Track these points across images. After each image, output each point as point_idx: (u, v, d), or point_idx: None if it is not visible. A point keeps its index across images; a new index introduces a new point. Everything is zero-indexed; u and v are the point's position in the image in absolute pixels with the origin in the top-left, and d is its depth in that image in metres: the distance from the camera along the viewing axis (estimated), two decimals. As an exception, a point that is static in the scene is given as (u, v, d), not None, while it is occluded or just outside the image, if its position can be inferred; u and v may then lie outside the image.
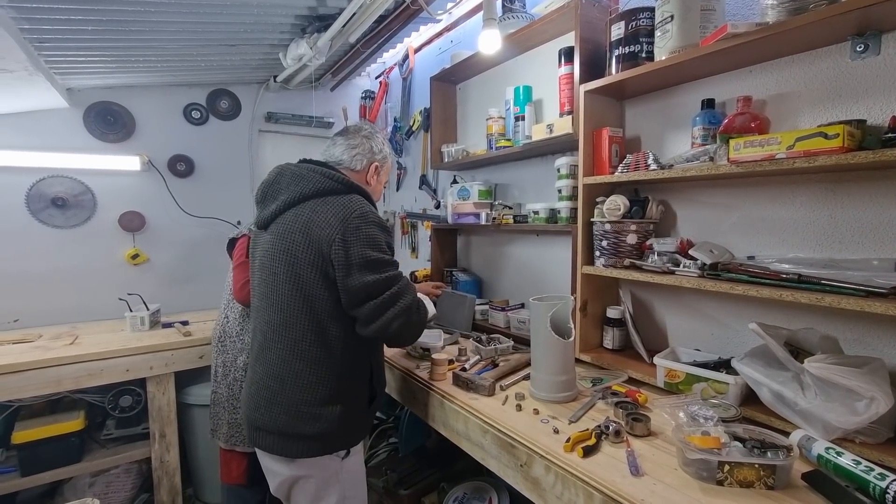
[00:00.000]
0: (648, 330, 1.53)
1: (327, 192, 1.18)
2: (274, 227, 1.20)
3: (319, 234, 1.12)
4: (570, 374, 1.29)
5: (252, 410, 1.21)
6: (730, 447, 0.88)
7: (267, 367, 1.19)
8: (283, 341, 1.16)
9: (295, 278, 1.14)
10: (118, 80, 2.38)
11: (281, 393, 1.16)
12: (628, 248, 1.42)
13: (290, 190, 1.19)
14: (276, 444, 1.17)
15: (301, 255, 1.14)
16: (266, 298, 1.20)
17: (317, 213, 1.14)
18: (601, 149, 1.48)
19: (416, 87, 2.79)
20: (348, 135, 1.36)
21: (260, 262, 1.24)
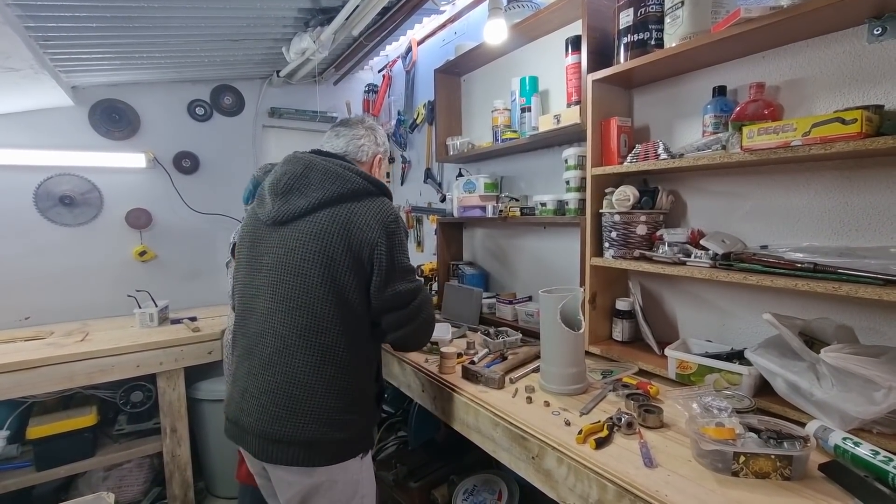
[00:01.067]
0: (658, 321, 1.51)
1: (364, 194, 1.15)
2: (301, 225, 1.11)
3: (360, 237, 1.10)
4: (581, 367, 1.28)
5: (267, 423, 1.09)
6: (745, 438, 0.87)
7: (289, 375, 1.09)
8: (313, 346, 1.09)
9: (331, 281, 1.09)
10: (123, 78, 2.38)
11: (308, 401, 1.08)
12: (638, 239, 1.40)
13: (326, 188, 1.12)
14: (300, 455, 1.09)
15: (339, 258, 1.09)
16: (289, 301, 1.10)
17: (356, 216, 1.11)
18: (610, 139, 1.46)
19: (420, 80, 2.77)
20: (352, 126, 1.31)
21: (276, 260, 1.12)
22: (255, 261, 1.17)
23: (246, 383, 1.14)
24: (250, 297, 1.17)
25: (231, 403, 1.18)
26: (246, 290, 1.18)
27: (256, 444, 1.11)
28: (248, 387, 1.13)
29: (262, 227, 1.18)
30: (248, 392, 1.13)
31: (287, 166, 1.17)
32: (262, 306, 1.14)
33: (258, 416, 1.10)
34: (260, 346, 1.13)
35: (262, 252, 1.16)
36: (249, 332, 1.16)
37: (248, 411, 1.12)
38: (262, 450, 1.11)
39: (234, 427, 1.17)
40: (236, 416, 1.15)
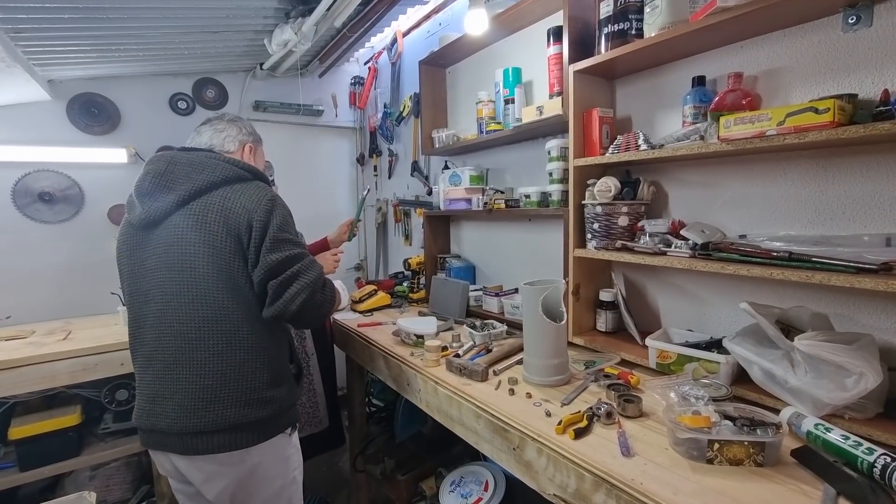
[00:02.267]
0: (641, 312, 1.52)
1: (235, 180, 1.16)
2: (176, 220, 1.10)
3: (237, 221, 1.10)
4: (563, 358, 1.28)
5: (187, 419, 1.08)
6: (720, 426, 0.88)
7: (197, 368, 1.09)
8: (216, 336, 1.10)
9: (219, 269, 1.09)
10: (100, 71, 2.33)
11: (223, 388, 1.10)
12: (620, 230, 1.41)
13: (194, 178, 1.11)
14: (227, 440, 1.10)
15: (222, 244, 1.09)
16: (181, 297, 1.09)
17: (230, 201, 1.11)
18: (591, 130, 1.46)
19: (406, 72, 2.74)
20: (212, 122, 1.29)
21: (158, 261, 1.11)
22: (138, 267, 1.14)
23: (154, 389, 1.12)
24: (140, 305, 1.14)
25: (142, 414, 1.14)
26: (134, 300, 1.16)
27: (179, 442, 1.10)
28: (157, 392, 1.12)
29: (137, 232, 1.15)
30: (158, 396, 1.11)
31: (150, 166, 1.14)
32: (155, 310, 1.12)
33: (176, 416, 1.09)
34: (160, 349, 1.11)
35: (142, 258, 1.14)
36: (146, 339, 1.14)
37: (164, 414, 1.10)
38: (187, 446, 1.10)
39: (149, 435, 1.15)
40: (151, 424, 1.12)
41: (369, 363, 1.82)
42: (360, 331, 1.89)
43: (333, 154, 3.29)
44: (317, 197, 3.17)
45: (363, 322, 2.00)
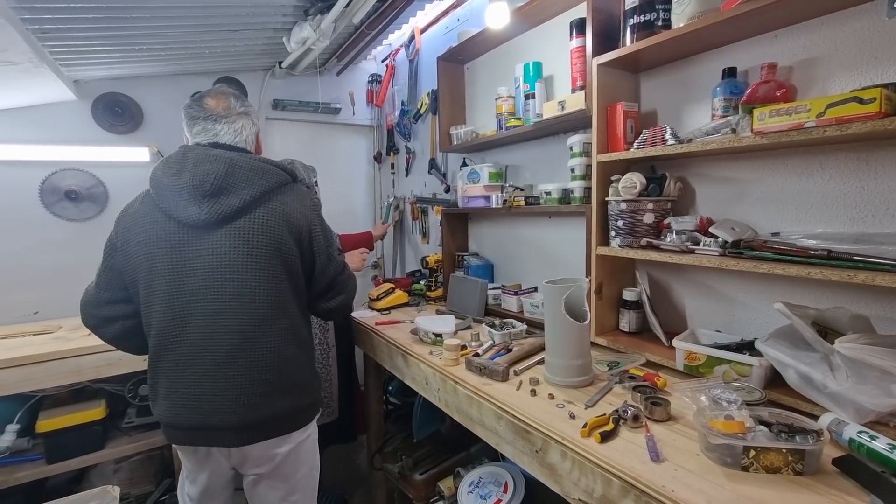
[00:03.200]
0: (666, 312, 1.48)
1: (285, 184, 1.22)
2: (241, 224, 1.12)
3: (298, 225, 1.18)
4: (586, 358, 1.25)
5: (245, 414, 1.13)
6: (755, 432, 0.84)
7: (255, 364, 1.13)
8: (274, 333, 1.15)
9: (284, 270, 1.17)
10: (124, 71, 2.36)
11: (279, 381, 1.16)
12: (645, 227, 1.36)
13: (256, 184, 1.14)
14: (277, 427, 1.19)
15: (287, 247, 1.16)
16: (242, 297, 1.12)
17: (289, 206, 1.18)
18: (615, 124, 1.42)
19: (424, 69, 2.72)
20: (228, 118, 1.20)
21: (217, 261, 1.11)
22: (184, 266, 1.12)
23: (203, 388, 1.12)
24: (184, 303, 1.12)
25: (184, 411, 1.14)
26: (176, 300, 1.12)
27: (234, 436, 1.14)
28: (206, 389, 1.12)
29: (184, 230, 1.12)
30: (208, 392, 1.12)
31: (208, 166, 1.11)
32: (205, 309, 1.12)
33: (232, 411, 1.12)
34: (209, 348, 1.12)
35: (191, 256, 1.12)
36: (189, 337, 1.12)
37: (216, 410, 1.12)
38: (242, 438, 1.15)
39: (195, 433, 1.16)
40: (199, 422, 1.13)
41: (387, 361, 1.81)
42: (378, 329, 1.88)
43: (351, 152, 3.30)
44: (334, 195, 3.16)
45: (381, 320, 1.99)
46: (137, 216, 1.17)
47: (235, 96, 1.25)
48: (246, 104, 1.26)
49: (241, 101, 1.25)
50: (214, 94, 1.23)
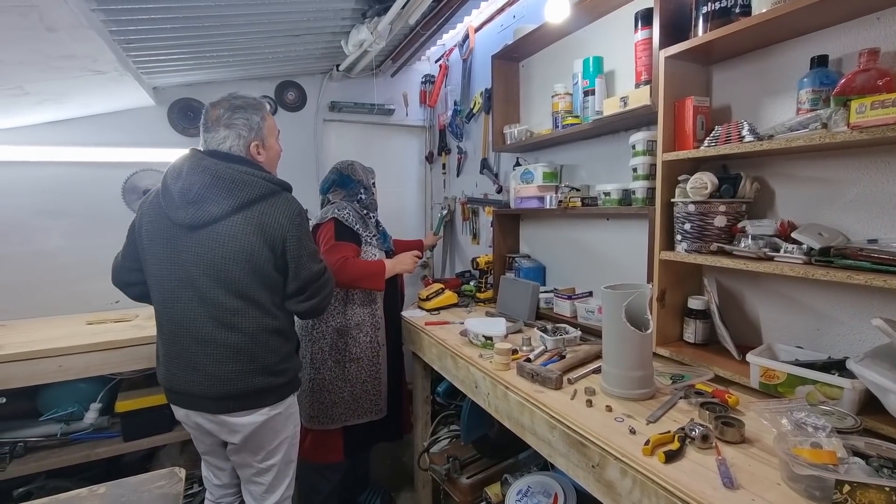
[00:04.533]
0: (737, 323, 1.36)
1: (269, 195, 1.32)
2: (218, 229, 1.26)
3: (273, 234, 1.30)
4: (648, 370, 1.18)
5: (221, 387, 1.30)
6: (849, 464, 0.75)
7: (230, 348, 1.30)
8: (246, 321, 1.30)
9: (253, 270, 1.29)
10: (196, 77, 2.52)
11: (252, 363, 1.32)
12: (716, 231, 1.26)
13: (236, 195, 1.27)
14: (251, 402, 1.34)
15: (258, 252, 1.29)
16: (216, 290, 1.28)
17: (266, 216, 1.30)
18: (684, 121, 1.33)
19: (477, 68, 2.70)
20: (211, 128, 1.33)
21: (197, 257, 1.27)
22: (173, 256, 1.29)
23: (186, 360, 1.31)
24: (172, 288, 1.30)
25: (172, 378, 1.35)
26: (164, 283, 1.31)
27: (211, 404, 1.32)
28: (189, 362, 1.31)
29: (175, 227, 1.28)
30: (190, 366, 1.31)
31: (195, 176, 1.26)
32: (189, 295, 1.29)
33: (210, 384, 1.30)
34: (193, 329, 1.29)
35: (178, 249, 1.29)
36: (176, 317, 1.31)
37: (197, 382, 1.31)
38: (219, 407, 1.33)
39: (181, 396, 1.36)
40: (183, 388, 1.33)
41: (436, 362, 1.80)
42: (428, 329, 1.88)
43: (403, 152, 3.33)
44: (387, 195, 3.21)
45: (430, 320, 1.99)
46: (149, 208, 1.35)
47: (234, 107, 1.34)
48: (243, 113, 1.35)
49: (236, 110, 1.34)
50: (217, 103, 1.36)
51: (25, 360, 1.83)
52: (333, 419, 1.91)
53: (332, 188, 2.06)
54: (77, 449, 2.03)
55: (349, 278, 1.78)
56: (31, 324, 2.23)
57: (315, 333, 1.92)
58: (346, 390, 1.92)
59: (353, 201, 2.00)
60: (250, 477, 1.46)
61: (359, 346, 1.93)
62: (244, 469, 1.46)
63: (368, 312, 1.95)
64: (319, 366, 1.91)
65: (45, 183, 2.36)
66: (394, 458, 2.64)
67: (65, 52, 1.54)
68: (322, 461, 1.95)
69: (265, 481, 1.46)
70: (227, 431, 1.37)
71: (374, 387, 1.96)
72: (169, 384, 1.37)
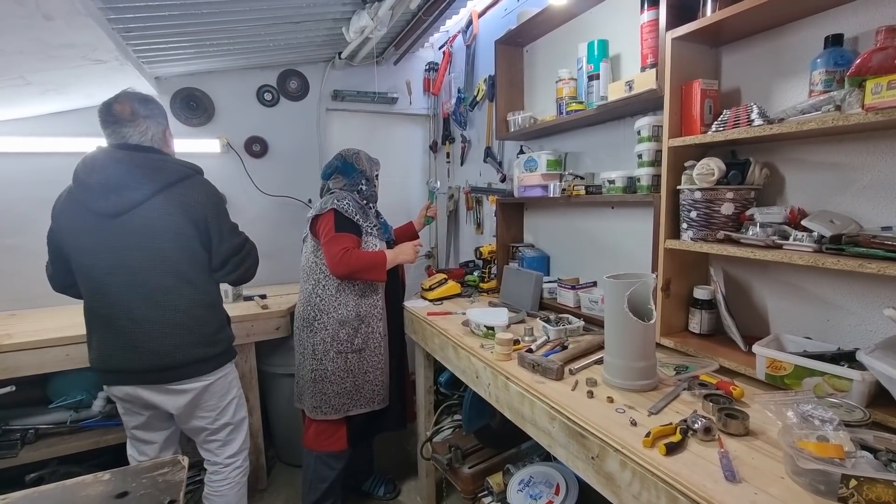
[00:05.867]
0: (744, 313, 1.33)
1: (185, 178, 1.44)
2: (142, 212, 1.36)
3: (195, 211, 1.42)
4: (650, 361, 1.15)
5: (159, 359, 1.41)
6: (856, 458, 0.73)
7: (166, 324, 1.41)
8: (180, 298, 1.42)
9: (181, 248, 1.41)
10: (198, 67, 2.51)
11: (188, 336, 1.44)
12: (723, 219, 1.23)
13: (157, 180, 1.38)
14: (191, 371, 1.47)
15: (184, 229, 1.40)
16: (148, 271, 1.38)
17: (186, 197, 1.41)
18: (691, 105, 1.28)
19: (481, 54, 2.65)
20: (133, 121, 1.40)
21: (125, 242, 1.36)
22: (101, 245, 1.37)
23: (124, 341, 1.40)
24: (103, 275, 1.38)
25: (110, 359, 1.43)
26: (94, 271, 1.39)
27: (153, 377, 1.43)
28: (127, 342, 1.40)
29: (97, 217, 1.36)
30: (128, 346, 1.40)
31: (111, 168, 1.35)
32: (120, 281, 1.38)
33: (149, 359, 1.41)
34: (126, 311, 1.39)
35: (106, 237, 1.37)
36: (109, 302, 1.39)
37: (137, 359, 1.41)
38: (160, 378, 1.44)
39: (120, 375, 1.45)
40: (123, 366, 1.43)
41: (438, 352, 1.80)
42: (430, 319, 1.87)
43: (407, 141, 3.30)
44: (390, 185, 3.19)
45: (433, 310, 1.98)
46: (64, 206, 1.42)
47: (140, 100, 1.44)
48: (150, 107, 1.46)
49: (145, 104, 1.45)
50: (121, 100, 1.42)
51: (34, 348, 1.85)
52: (337, 409, 1.92)
53: (334, 174, 2.04)
54: (86, 436, 2.07)
55: (351, 269, 1.77)
56: (40, 313, 2.26)
57: (317, 325, 1.92)
58: (348, 381, 1.92)
59: (352, 191, 1.98)
60: (205, 438, 1.61)
61: (361, 337, 1.92)
62: (198, 434, 1.60)
63: (370, 303, 1.94)
64: (322, 357, 1.91)
65: (50, 174, 2.35)
66: (397, 447, 2.65)
67: (64, 41, 1.53)
68: (325, 450, 1.96)
69: (220, 438, 1.62)
70: (168, 401, 1.48)
71: (377, 377, 1.96)
72: (106, 365, 1.45)
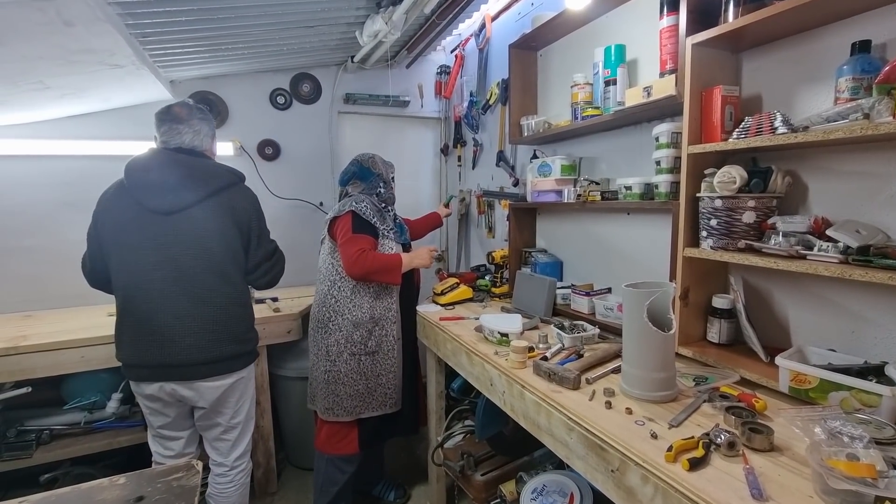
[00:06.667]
0: (765, 324, 1.31)
1: (233, 184, 1.57)
2: (194, 212, 1.46)
3: (241, 216, 1.55)
4: (670, 372, 1.14)
5: (197, 355, 1.48)
6: (890, 478, 0.70)
7: (206, 319, 1.48)
8: (221, 296, 1.51)
9: (226, 248, 1.51)
10: (212, 70, 2.52)
11: (225, 332, 1.52)
12: (744, 227, 1.21)
13: (210, 183, 1.49)
14: (223, 367, 1.54)
15: (229, 231, 1.52)
16: (194, 268, 1.46)
17: (235, 202, 1.54)
18: (712, 111, 1.27)
19: (494, 58, 2.64)
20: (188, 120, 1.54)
21: (175, 238, 1.45)
22: (150, 240, 1.44)
23: (162, 336, 1.45)
24: (147, 271, 1.44)
25: (145, 355, 1.47)
26: (139, 267, 1.45)
27: (189, 372, 1.49)
28: (165, 337, 1.45)
29: (150, 214, 1.44)
30: (168, 340, 1.46)
31: (170, 168, 1.46)
32: (164, 276, 1.44)
33: (188, 354, 1.47)
34: (167, 306, 1.45)
35: (156, 233, 1.44)
36: (152, 297, 1.45)
37: (176, 353, 1.46)
38: (195, 373, 1.49)
39: (154, 371, 1.49)
40: (158, 361, 1.47)
41: (451, 358, 1.79)
42: (442, 324, 1.86)
43: (418, 145, 3.30)
44: (401, 187, 3.19)
45: (445, 315, 1.97)
46: (111, 202, 1.49)
47: (196, 106, 1.59)
48: (204, 112, 1.60)
49: (200, 109, 1.59)
50: (180, 103, 1.57)
51: (49, 350, 1.87)
52: (348, 411, 1.92)
53: (352, 180, 2.05)
54: (100, 437, 2.08)
55: (366, 271, 1.77)
56: (55, 314, 2.28)
57: (331, 326, 1.92)
58: (361, 383, 1.92)
59: (371, 194, 1.99)
60: (218, 436, 1.65)
61: (375, 340, 1.92)
62: (211, 430, 1.65)
63: (385, 306, 1.94)
64: (335, 358, 1.91)
65: (67, 176, 2.40)
66: (408, 451, 2.65)
67: (83, 46, 1.55)
68: (337, 453, 1.96)
69: (231, 437, 1.67)
70: (199, 396, 1.54)
71: (390, 380, 1.96)
72: (140, 361, 1.49)
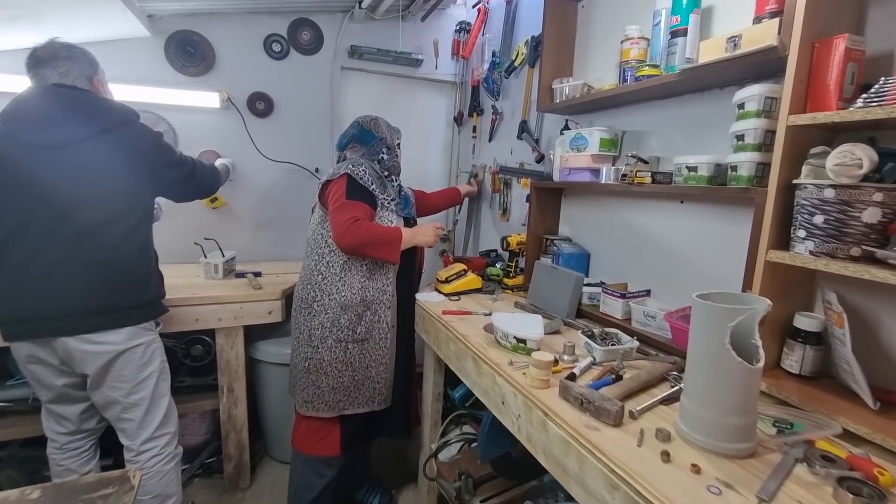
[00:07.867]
0: (869, 356, 1.00)
1: (128, 121, 1.42)
2: (87, 146, 1.31)
3: (138, 154, 1.41)
4: (751, 417, 0.85)
5: (77, 302, 1.31)
6: None
7: (93, 261, 1.32)
8: (111, 236, 1.35)
9: (124, 184, 1.38)
10: (198, 5, 2.18)
11: (115, 277, 1.36)
12: (862, 228, 0.90)
13: (101, 119, 1.35)
14: (112, 320, 1.36)
15: (124, 169, 1.37)
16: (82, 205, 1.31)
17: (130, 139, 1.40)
18: (827, 70, 0.94)
19: (524, 12, 2.28)
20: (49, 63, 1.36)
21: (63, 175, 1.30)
22: (27, 179, 1.28)
23: (39, 284, 1.29)
24: (25, 212, 1.29)
25: (21, 307, 1.31)
26: (20, 205, 1.29)
27: (70, 323, 1.31)
28: (43, 285, 1.29)
29: (29, 149, 1.29)
30: (43, 287, 1.29)
31: (52, 101, 1.31)
32: (47, 215, 1.29)
33: (66, 301, 1.31)
34: (50, 247, 1.29)
35: (35, 171, 1.29)
36: (28, 240, 1.29)
37: (54, 301, 1.30)
38: (78, 325, 1.32)
39: (29, 326, 1.32)
40: (36, 313, 1.30)
41: (454, 361, 1.50)
42: (445, 319, 1.57)
43: (429, 111, 2.95)
44: (407, 158, 2.86)
45: (449, 308, 1.68)
46: None
47: (63, 45, 1.39)
48: (73, 51, 1.40)
49: (67, 48, 1.39)
50: (45, 44, 1.38)
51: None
52: (330, 406, 1.66)
53: (351, 143, 1.76)
54: (48, 419, 1.83)
55: (358, 241, 1.49)
56: None
57: (316, 307, 1.64)
58: (346, 374, 1.66)
59: (373, 160, 1.71)
60: (118, 415, 1.46)
61: (365, 325, 1.65)
62: (111, 408, 1.46)
63: (379, 288, 1.66)
64: (318, 344, 1.64)
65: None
66: (398, 451, 2.40)
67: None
68: (315, 454, 1.71)
69: (135, 416, 1.47)
70: (84, 358, 1.36)
71: (380, 373, 1.70)
72: (16, 314, 1.32)
